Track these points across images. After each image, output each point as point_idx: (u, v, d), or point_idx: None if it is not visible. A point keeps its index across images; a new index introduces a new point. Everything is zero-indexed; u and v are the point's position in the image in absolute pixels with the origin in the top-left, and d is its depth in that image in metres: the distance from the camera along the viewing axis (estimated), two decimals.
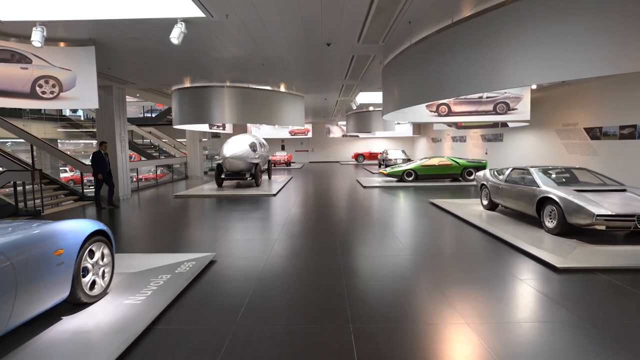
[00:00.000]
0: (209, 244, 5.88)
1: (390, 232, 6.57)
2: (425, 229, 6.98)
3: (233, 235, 6.55)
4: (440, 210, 8.60)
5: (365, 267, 4.81)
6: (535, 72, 4.77)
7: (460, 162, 14.15)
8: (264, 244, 5.84)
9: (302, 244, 5.85)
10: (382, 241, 5.98)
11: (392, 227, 6.99)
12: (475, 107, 10.93)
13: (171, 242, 6.25)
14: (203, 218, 8.34)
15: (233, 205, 9.91)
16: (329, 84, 11.73)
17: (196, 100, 11.11)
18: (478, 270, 4.59)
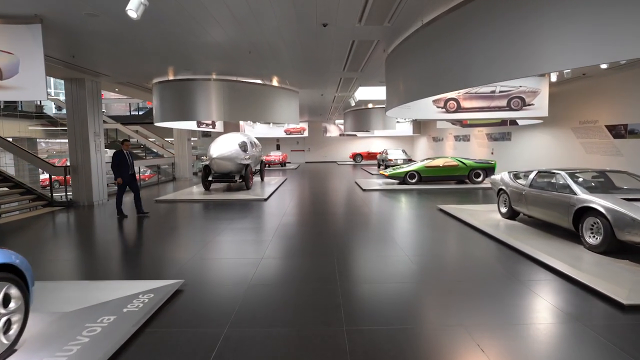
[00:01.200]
0: (179, 265, 4.82)
1: (396, 247, 5.53)
2: (437, 243, 5.95)
3: (211, 252, 5.49)
4: (450, 218, 7.58)
5: (370, 300, 3.77)
6: (588, 50, 3.74)
7: (467, 162, 13.15)
8: (246, 266, 4.79)
9: (293, 266, 4.80)
10: (387, 260, 4.95)
11: (397, 241, 5.95)
12: (487, 102, 9.92)
13: (134, 262, 5.18)
14: (180, 229, 7.27)
15: (218, 211, 8.85)
16: (325, 77, 10.68)
17: (179, 94, 10.03)
18: (514, 303, 3.56)
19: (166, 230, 7.16)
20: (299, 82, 11.22)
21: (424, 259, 5.02)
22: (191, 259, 5.12)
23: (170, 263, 4.98)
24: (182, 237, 6.58)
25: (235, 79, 10.20)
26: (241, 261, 5.01)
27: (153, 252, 5.62)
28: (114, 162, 7.79)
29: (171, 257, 5.29)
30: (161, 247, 5.93)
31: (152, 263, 5.07)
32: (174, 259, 5.20)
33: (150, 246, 6.03)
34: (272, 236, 6.30)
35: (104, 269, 4.85)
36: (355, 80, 11.09)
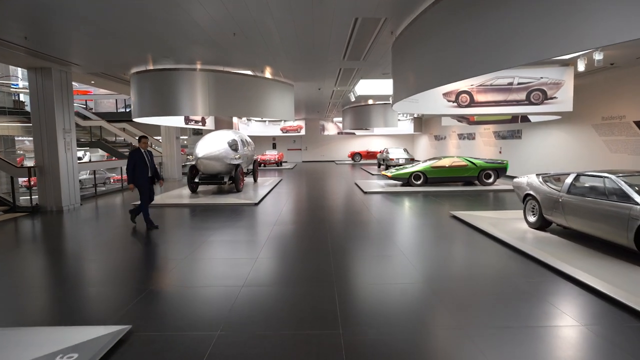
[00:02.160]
0: (129, 299, 3.74)
1: (409, 268, 4.47)
2: (457, 263, 4.89)
3: (176, 279, 4.40)
4: (467, 228, 6.54)
5: (380, 349, 2.71)
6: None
7: (477, 162, 12.11)
8: (219, 300, 3.71)
9: (281, 297, 3.73)
10: (399, 288, 3.89)
11: (411, 260, 4.89)
12: (504, 95, 8.87)
13: (72, 294, 4.08)
14: (148, 243, 6.17)
15: (201, 219, 7.77)
16: (323, 68, 9.59)
17: (160, 86, 8.91)
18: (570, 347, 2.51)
19: (130, 244, 6.07)
20: (293, 73, 10.13)
21: (445, 284, 3.96)
22: (147, 290, 4.04)
23: (119, 296, 3.90)
24: (147, 255, 5.49)
25: (222, 69, 9.09)
26: (212, 294, 3.92)
27: (104, 279, 4.53)
28: (129, 163, 6.55)
29: (123, 288, 4.20)
30: (115, 271, 4.84)
31: (97, 296, 3.99)
32: (126, 289, 4.12)
33: (102, 268, 4.94)
34: (259, 252, 5.23)
35: (35, 304, 3.77)
36: (356, 72, 10.01)
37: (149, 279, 4.30)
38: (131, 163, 6.53)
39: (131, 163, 6.53)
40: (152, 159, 6.79)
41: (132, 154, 6.66)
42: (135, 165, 6.51)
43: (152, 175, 6.75)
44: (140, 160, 6.56)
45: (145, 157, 6.63)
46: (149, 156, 6.73)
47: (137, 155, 6.57)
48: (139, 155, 6.58)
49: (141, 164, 6.56)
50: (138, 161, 6.54)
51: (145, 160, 6.62)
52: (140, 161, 6.56)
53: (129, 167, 6.52)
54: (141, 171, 6.56)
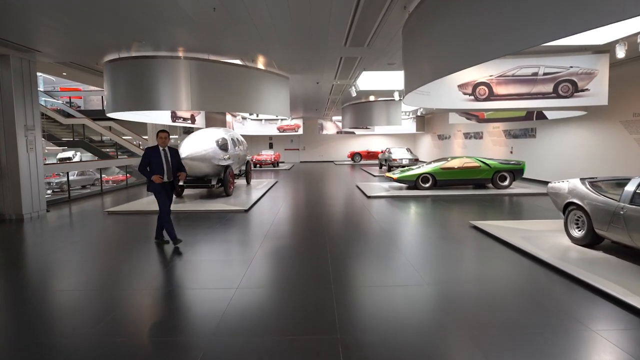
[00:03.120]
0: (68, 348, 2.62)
1: (431, 302, 3.37)
2: (490, 291, 3.79)
3: (125, 322, 3.28)
4: (493, 242, 5.46)
5: None
6: None
7: (491, 163, 11.03)
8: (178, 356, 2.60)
9: (267, 349, 2.62)
10: (422, 338, 2.78)
11: (434, 289, 3.79)
12: (527, 87, 7.78)
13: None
14: (106, 265, 5.04)
15: (180, 230, 6.66)
16: (321, 56, 8.48)
17: (135, 77, 7.77)
18: None
19: (82, 268, 4.94)
20: (288, 63, 9.02)
21: (477, 317, 2.86)
22: (75, 344, 2.93)
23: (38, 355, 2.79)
24: (100, 282, 4.37)
25: (207, 57, 7.97)
26: (167, 350, 2.81)
27: (23, 325, 3.41)
28: (141, 163, 5.29)
29: (49, 340, 3.09)
30: (46, 309, 3.73)
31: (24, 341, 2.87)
32: (50, 341, 3.00)
33: (31, 305, 3.82)
34: (239, 282, 4.11)
35: None
36: (359, 62, 8.90)
37: (93, 321, 3.19)
38: (144, 163, 5.23)
39: (144, 163, 5.23)
40: (173, 159, 5.41)
41: (146, 151, 5.32)
42: (149, 165, 5.22)
43: (172, 180, 5.43)
44: (155, 159, 5.23)
45: (163, 156, 5.28)
46: (168, 155, 5.35)
47: (152, 153, 5.24)
48: (155, 153, 5.25)
49: (157, 164, 5.22)
50: (153, 161, 5.22)
51: (162, 160, 5.26)
52: (156, 161, 5.23)
53: (142, 168, 5.25)
54: (157, 171, 5.21)
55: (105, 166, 14.56)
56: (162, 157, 5.29)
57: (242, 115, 23.10)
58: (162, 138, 5.34)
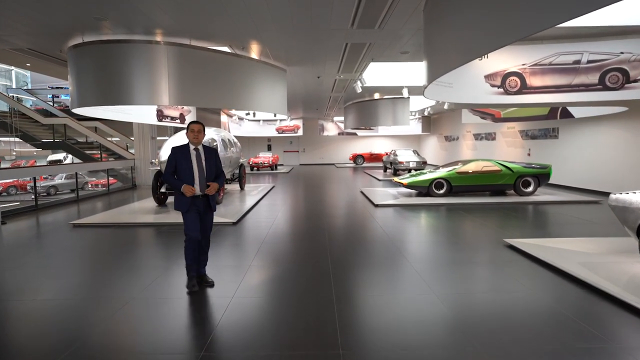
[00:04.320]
0: None
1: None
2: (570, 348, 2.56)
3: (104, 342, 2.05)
4: (541, 268, 4.26)
5: None
6: None
7: (513, 167, 9.81)
8: None
9: None
10: None
11: (479, 342, 2.55)
12: (568, 77, 6.58)
13: None
14: (66, 293, 3.81)
15: (152, 248, 5.45)
16: (323, 42, 7.27)
17: (103, 65, 6.57)
18: None
19: (30, 304, 3.70)
20: (285, 52, 7.83)
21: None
22: None
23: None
24: (43, 329, 3.14)
25: (188, 42, 6.77)
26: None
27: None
28: (167, 167, 3.75)
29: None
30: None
31: None
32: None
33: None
34: (206, 341, 2.88)
35: None
36: (367, 49, 7.70)
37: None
38: (169, 168, 3.69)
39: (169, 168, 3.69)
40: (209, 163, 3.79)
41: (172, 152, 3.75)
42: (176, 171, 3.70)
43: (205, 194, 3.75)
44: (184, 164, 3.68)
45: (194, 158, 3.72)
46: (202, 157, 3.76)
47: (179, 154, 3.70)
48: (183, 155, 3.70)
49: (185, 170, 3.67)
50: (181, 166, 3.68)
51: (193, 164, 3.70)
52: (185, 166, 3.68)
53: (167, 175, 3.71)
54: (183, 178, 3.67)
55: (85, 170, 13.34)
56: (193, 160, 3.69)
57: (238, 115, 21.92)
58: (193, 132, 3.71)
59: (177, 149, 3.78)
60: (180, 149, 3.77)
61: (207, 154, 3.84)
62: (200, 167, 3.72)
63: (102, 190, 12.85)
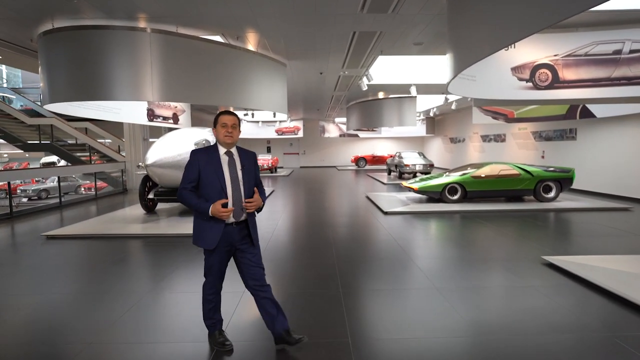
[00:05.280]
0: None
1: None
2: None
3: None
4: (597, 295, 3.44)
5: None
6: None
7: (533, 171, 9.03)
8: None
9: None
10: None
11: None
12: (606, 69, 5.79)
13: None
14: (21, 327, 3.00)
15: (132, 265, 4.63)
16: (328, 30, 6.50)
17: (79, 55, 5.77)
18: None
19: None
20: (285, 42, 7.05)
21: None
22: None
23: None
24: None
25: (175, 29, 5.98)
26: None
27: None
28: (184, 179, 2.54)
29: None
30: None
31: None
32: None
33: None
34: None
35: None
36: (377, 39, 6.91)
37: None
38: (188, 180, 2.53)
39: (188, 180, 2.53)
40: (248, 173, 2.62)
41: (194, 157, 2.56)
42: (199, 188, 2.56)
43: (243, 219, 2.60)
44: (211, 173, 2.52)
45: (227, 165, 2.56)
46: (237, 165, 2.60)
47: (204, 161, 2.54)
48: (210, 161, 2.54)
49: (211, 182, 2.51)
50: (207, 177, 2.52)
51: (224, 175, 2.54)
52: (212, 176, 2.52)
53: (183, 192, 2.53)
54: (209, 196, 2.51)
55: (67, 173, 12.51)
56: (224, 169, 2.53)
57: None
58: (225, 127, 2.53)
59: (200, 152, 2.55)
60: (205, 152, 2.55)
61: (245, 159, 2.61)
62: (235, 179, 2.52)
63: (89, 195, 12.03)
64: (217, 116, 2.59)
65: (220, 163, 2.54)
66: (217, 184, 2.49)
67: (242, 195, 2.55)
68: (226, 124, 2.54)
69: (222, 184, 2.50)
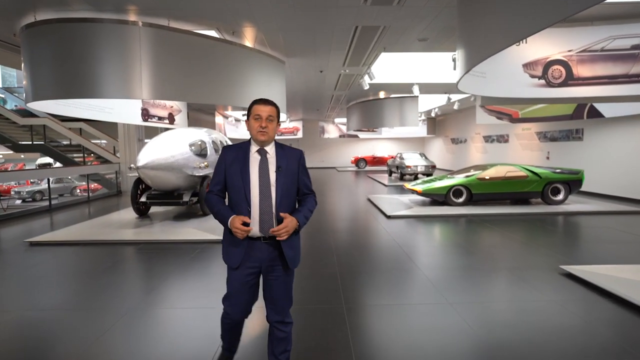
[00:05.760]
0: None
1: None
2: None
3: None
4: (623, 310, 3.11)
5: None
6: None
7: (541, 172, 8.70)
8: None
9: None
10: None
11: None
12: (624, 66, 5.47)
13: None
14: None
15: (121, 276, 4.27)
16: (329, 25, 6.17)
17: (65, 50, 5.43)
18: None
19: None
20: (283, 37, 6.71)
21: None
22: None
23: None
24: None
25: (167, 22, 5.64)
26: None
27: None
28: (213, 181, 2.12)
29: None
30: None
31: None
32: None
33: None
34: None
35: None
36: (380, 34, 6.58)
37: None
38: (216, 182, 2.11)
39: (216, 182, 2.11)
40: (289, 174, 2.09)
41: (221, 157, 2.13)
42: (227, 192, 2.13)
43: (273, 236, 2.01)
44: (237, 175, 2.04)
45: (257, 168, 2.05)
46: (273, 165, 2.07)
47: (231, 159, 2.08)
48: (239, 160, 2.07)
49: (238, 187, 2.03)
50: (232, 180, 2.06)
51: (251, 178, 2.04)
52: (238, 180, 2.04)
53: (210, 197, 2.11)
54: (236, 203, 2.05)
55: (57, 175, 12.14)
56: (253, 170, 2.05)
57: (234, 116, 20.84)
58: (259, 120, 2.03)
59: (229, 149, 2.13)
60: (234, 149, 2.12)
61: (282, 159, 2.08)
62: (266, 184, 2.02)
63: (81, 198, 11.66)
64: (250, 106, 2.08)
65: (248, 163, 2.03)
66: (240, 189, 2.01)
67: (274, 205, 2.00)
68: (260, 116, 2.00)
69: (246, 189, 1.99)
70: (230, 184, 2.06)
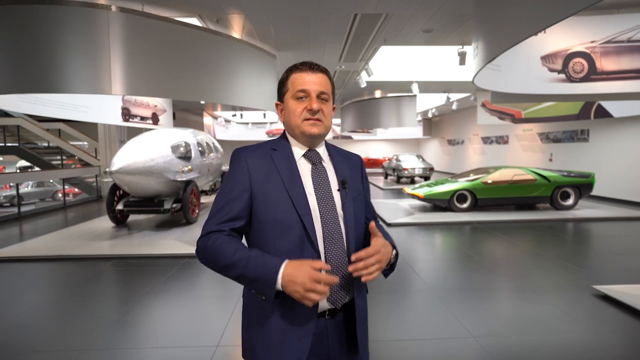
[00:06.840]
0: None
1: None
2: None
3: None
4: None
5: None
6: None
7: (550, 176, 8.18)
8: None
9: None
10: None
11: None
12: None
13: None
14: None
15: (92, 299, 3.56)
16: (324, 12, 5.53)
17: (23, 37, 4.71)
18: None
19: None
20: (274, 28, 6.06)
21: None
22: None
23: None
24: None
25: (141, 7, 4.96)
26: None
27: None
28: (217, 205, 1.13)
29: None
30: None
31: None
32: None
33: None
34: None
35: None
36: (381, 24, 5.96)
37: None
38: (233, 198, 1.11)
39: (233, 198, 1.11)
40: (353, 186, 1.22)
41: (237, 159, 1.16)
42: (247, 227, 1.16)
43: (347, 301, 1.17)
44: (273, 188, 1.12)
45: (311, 182, 1.16)
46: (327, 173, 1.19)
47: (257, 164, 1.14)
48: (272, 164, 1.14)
49: (279, 207, 1.10)
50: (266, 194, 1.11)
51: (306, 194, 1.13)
52: (275, 195, 1.11)
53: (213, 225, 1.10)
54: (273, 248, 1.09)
55: (26, 180, 11.33)
56: (308, 187, 1.15)
57: (224, 117, 20.12)
58: (301, 101, 1.13)
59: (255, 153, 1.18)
60: (265, 154, 1.18)
61: (343, 167, 1.24)
62: (330, 209, 1.15)
63: (56, 204, 10.85)
64: (285, 76, 1.19)
65: (300, 175, 1.16)
66: (291, 226, 1.10)
67: (345, 245, 1.15)
68: (308, 93, 1.13)
69: (307, 224, 1.10)
70: (264, 216, 1.11)
